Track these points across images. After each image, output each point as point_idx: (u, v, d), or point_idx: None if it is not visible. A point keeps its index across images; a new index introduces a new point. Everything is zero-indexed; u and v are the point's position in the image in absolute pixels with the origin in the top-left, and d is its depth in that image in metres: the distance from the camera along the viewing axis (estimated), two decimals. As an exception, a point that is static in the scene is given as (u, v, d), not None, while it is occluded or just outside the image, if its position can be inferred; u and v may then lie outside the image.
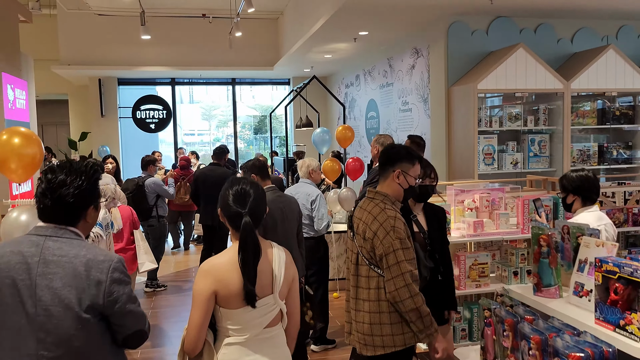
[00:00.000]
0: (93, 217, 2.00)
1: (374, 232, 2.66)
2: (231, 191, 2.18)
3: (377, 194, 2.80)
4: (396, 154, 2.82)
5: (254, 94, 15.61)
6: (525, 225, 4.07)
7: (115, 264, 1.87)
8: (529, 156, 6.69)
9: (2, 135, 2.87)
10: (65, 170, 1.92)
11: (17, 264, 1.83)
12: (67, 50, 10.94)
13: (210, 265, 2.11)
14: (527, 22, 7.01)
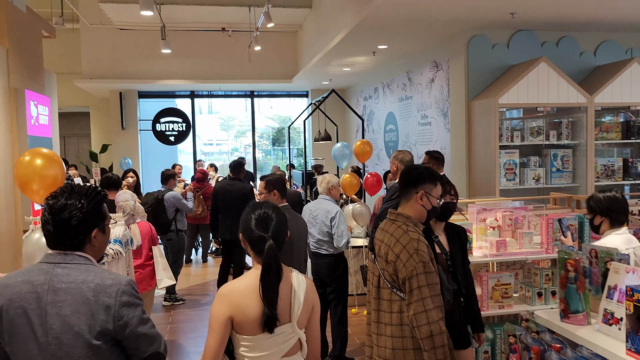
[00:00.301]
0: (100, 241, 1.98)
1: (397, 255, 2.60)
2: (253, 215, 2.15)
3: (399, 216, 2.75)
4: (419, 175, 2.78)
5: (272, 104, 15.68)
6: (549, 245, 3.98)
7: (123, 287, 1.86)
8: (551, 171, 6.58)
9: (25, 156, 2.89)
10: (65, 194, 1.93)
11: (27, 293, 1.83)
12: (89, 64, 11.10)
13: (228, 290, 2.09)
14: (549, 35, 6.92)
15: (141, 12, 6.39)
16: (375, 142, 10.71)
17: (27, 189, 2.84)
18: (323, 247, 4.79)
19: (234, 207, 6.38)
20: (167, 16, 9.55)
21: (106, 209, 2.03)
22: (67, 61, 11.98)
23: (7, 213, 4.42)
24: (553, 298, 3.89)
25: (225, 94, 13.49)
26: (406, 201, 2.78)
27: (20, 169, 2.86)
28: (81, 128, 14.72)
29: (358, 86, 12.02)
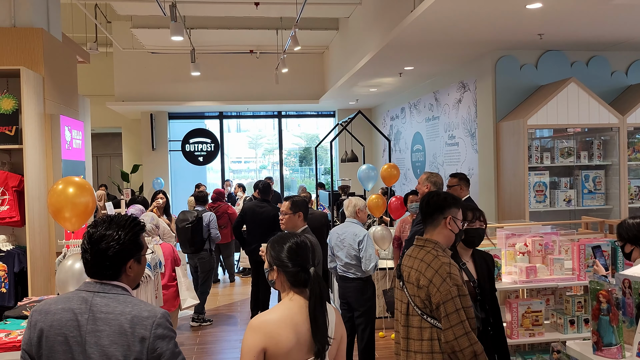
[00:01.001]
0: (135, 271, 2.01)
1: (429, 280, 2.59)
2: (285, 247, 2.16)
3: (427, 242, 2.74)
4: (444, 201, 2.79)
5: (299, 122, 15.83)
6: (581, 271, 3.89)
7: (158, 320, 1.88)
8: (582, 193, 6.45)
9: (58, 184, 2.97)
10: (105, 224, 1.97)
11: (68, 321, 1.88)
12: (121, 86, 11.39)
13: (260, 321, 2.09)
14: (578, 55, 6.84)
15: (172, 37, 6.55)
16: (402, 162, 10.67)
17: (60, 217, 2.92)
18: (350, 271, 4.77)
19: (263, 230, 6.43)
20: (197, 40, 9.77)
21: (143, 240, 2.06)
22: (100, 84, 12.32)
23: (41, 235, 4.53)
24: (586, 326, 3.79)
25: (253, 115, 13.67)
26: (433, 227, 2.77)
27: (53, 196, 2.94)
28: (113, 148, 15.07)
29: (384, 106, 12.03)
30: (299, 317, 2.06)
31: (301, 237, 2.19)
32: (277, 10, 8.38)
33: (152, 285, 4.10)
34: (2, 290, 4.41)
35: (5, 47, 4.63)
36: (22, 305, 3.31)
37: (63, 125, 4.90)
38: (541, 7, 4.90)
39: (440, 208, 2.77)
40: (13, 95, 4.41)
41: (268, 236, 6.61)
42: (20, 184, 4.42)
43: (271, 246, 2.20)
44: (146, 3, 7.44)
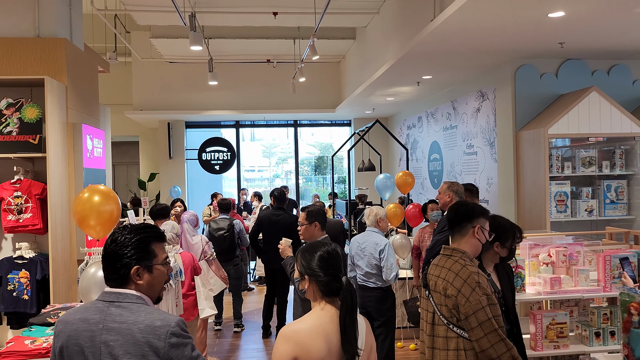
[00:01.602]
0: (147, 280, 1.95)
1: (458, 289, 2.58)
2: (317, 256, 2.15)
3: (454, 251, 2.74)
4: (472, 210, 2.80)
5: (314, 132, 15.84)
6: (607, 283, 3.82)
7: (172, 329, 1.85)
8: (604, 203, 6.36)
9: (84, 193, 2.99)
10: (123, 231, 1.97)
11: (83, 331, 1.87)
12: (139, 96, 11.51)
13: (291, 331, 2.07)
14: (599, 64, 6.77)
15: (191, 47, 6.59)
16: (419, 171, 10.62)
17: (85, 225, 2.94)
18: (371, 280, 4.74)
19: (278, 237, 6.41)
20: (214, 49, 9.85)
21: (156, 248, 1.99)
22: (119, 93, 12.45)
23: (63, 243, 4.57)
24: (612, 339, 3.72)
25: (270, 124, 13.71)
26: (461, 236, 2.77)
27: (78, 205, 2.96)
28: (131, 157, 15.19)
29: (401, 115, 12.01)
30: (330, 326, 2.05)
31: (332, 245, 2.18)
32: (295, 20, 8.42)
33: (172, 294, 4.10)
34: (25, 297, 4.45)
35: (30, 57, 4.70)
36: (46, 313, 3.33)
37: (85, 134, 4.95)
38: (564, 15, 4.86)
39: (468, 217, 2.77)
40: (37, 104, 4.47)
41: None
42: (43, 192, 4.46)
43: (302, 255, 2.19)
44: (165, 13, 7.52)
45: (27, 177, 4.50)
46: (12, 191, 4.40)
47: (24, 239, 4.59)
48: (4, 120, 4.40)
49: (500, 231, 3.06)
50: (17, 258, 4.45)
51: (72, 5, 5.26)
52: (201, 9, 7.57)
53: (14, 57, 4.68)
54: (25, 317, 4.40)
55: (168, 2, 6.32)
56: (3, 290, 4.44)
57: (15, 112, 4.42)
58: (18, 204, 4.39)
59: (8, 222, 4.39)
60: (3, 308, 4.44)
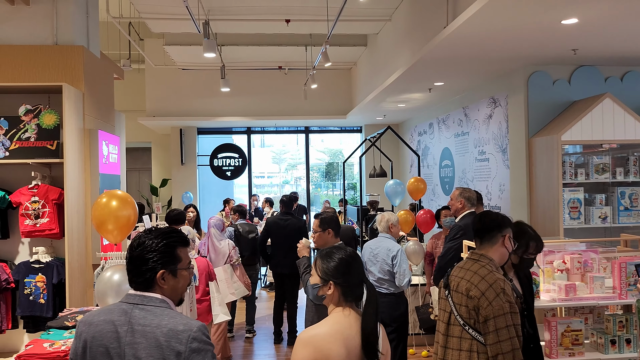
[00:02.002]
0: (171, 284, 1.98)
1: (482, 292, 2.62)
2: (339, 261, 2.17)
3: (482, 257, 2.80)
4: (502, 220, 2.88)
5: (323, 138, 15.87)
6: (622, 290, 3.80)
7: (194, 334, 1.88)
8: (619, 210, 6.31)
9: (102, 198, 3.04)
10: (148, 235, 2.00)
11: (108, 332, 1.90)
12: (152, 102, 11.61)
13: (310, 335, 2.08)
14: (612, 71, 6.75)
15: (204, 54, 6.66)
16: (430, 178, 10.61)
17: (103, 229, 2.98)
18: (383, 286, 4.74)
19: (287, 242, 6.47)
20: (227, 56, 9.93)
21: (181, 253, 2.03)
22: (132, 100, 12.57)
23: (79, 248, 4.62)
24: (628, 347, 3.71)
25: (281, 130, 13.77)
26: (490, 245, 2.83)
27: (97, 209, 3.00)
28: (143, 162, 15.30)
29: (412, 121, 12.02)
30: (349, 331, 2.06)
31: (350, 250, 2.20)
32: (308, 27, 8.47)
33: (187, 298, 4.13)
34: (41, 301, 4.50)
35: (48, 64, 4.77)
36: (64, 316, 3.37)
37: (101, 140, 5.01)
38: (577, 22, 4.87)
39: (498, 227, 2.84)
40: (55, 110, 4.53)
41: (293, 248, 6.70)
42: (60, 197, 4.52)
43: (322, 261, 2.20)
44: (179, 21, 7.60)
45: (45, 183, 4.57)
46: (29, 196, 4.46)
47: (41, 244, 4.65)
48: (23, 126, 4.47)
49: (514, 237, 3.08)
50: (34, 262, 4.51)
51: (89, 13, 5.34)
52: (215, 16, 7.64)
53: (33, 64, 4.75)
54: (41, 321, 4.45)
55: (182, 9, 6.40)
56: (20, 294, 4.50)
57: (34, 118, 4.49)
58: (35, 209, 4.46)
59: (25, 226, 4.45)
60: (20, 312, 4.49)
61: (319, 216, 4.15)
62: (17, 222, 4.60)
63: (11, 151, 4.43)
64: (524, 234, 3.17)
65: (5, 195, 4.52)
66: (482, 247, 2.84)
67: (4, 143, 4.43)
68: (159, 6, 7.20)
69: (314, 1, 7.15)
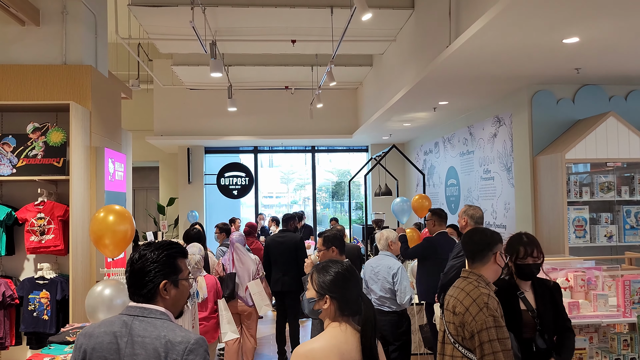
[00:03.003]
0: (173, 295, 2.02)
1: (466, 308, 2.64)
2: (335, 275, 2.16)
3: (471, 274, 2.80)
4: (491, 238, 2.87)
5: (331, 158, 15.92)
6: (626, 308, 3.77)
7: (191, 346, 1.89)
8: (624, 229, 6.28)
9: (99, 212, 3.07)
10: (148, 247, 2.03)
11: (108, 344, 1.93)
12: (160, 121, 11.74)
13: (306, 350, 2.08)
14: (616, 90, 6.77)
15: (211, 74, 6.75)
16: (435, 197, 10.60)
17: (100, 244, 3.01)
18: (385, 305, 4.72)
19: (285, 258, 6.50)
20: (234, 76, 10.05)
21: (181, 264, 2.07)
22: (140, 119, 12.72)
23: (83, 264, 4.65)
24: (633, 366, 3.65)
25: (287, 149, 13.84)
26: (482, 264, 2.83)
27: (94, 224, 3.04)
28: (150, 181, 15.40)
29: (418, 140, 12.05)
30: (345, 346, 2.05)
31: (346, 264, 2.21)
32: (314, 47, 8.57)
33: (188, 315, 4.14)
34: (45, 317, 4.52)
35: (56, 83, 4.87)
36: (66, 332, 3.39)
37: (107, 158, 5.07)
38: (578, 41, 4.90)
39: (488, 245, 2.84)
40: (62, 128, 4.61)
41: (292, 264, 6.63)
42: (65, 214, 4.57)
43: (318, 274, 2.19)
44: (187, 41, 7.72)
45: (50, 199, 4.62)
46: (35, 213, 4.51)
47: (46, 260, 4.69)
48: (30, 144, 4.54)
49: (507, 245, 3.11)
50: (39, 279, 4.54)
51: (98, 34, 5.46)
52: (222, 37, 7.76)
53: (41, 83, 4.85)
54: (44, 337, 4.46)
55: (190, 30, 6.52)
56: (24, 310, 4.52)
57: (41, 135, 4.57)
58: (41, 225, 4.50)
59: (31, 243, 4.49)
60: (23, 328, 4.51)
61: (323, 234, 4.17)
62: (22, 239, 4.64)
63: (18, 168, 4.50)
64: (516, 241, 3.12)
65: (11, 211, 4.58)
66: (473, 265, 2.85)
67: (11, 160, 4.50)
68: (166, 27, 7.34)
69: (320, 22, 7.25)
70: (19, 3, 4.60)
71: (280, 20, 7.30)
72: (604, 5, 4.08)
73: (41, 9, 4.98)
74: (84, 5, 5.10)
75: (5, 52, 4.96)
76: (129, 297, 2.05)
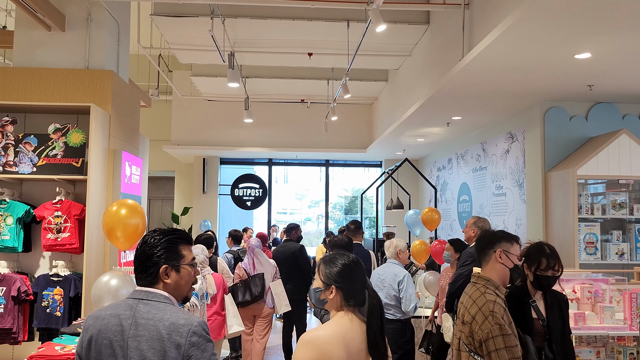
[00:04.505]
0: (174, 280, 2.08)
1: (472, 317, 2.63)
2: (342, 265, 2.22)
3: (479, 279, 2.79)
4: (493, 236, 2.87)
5: (346, 174, 15.97)
6: (633, 322, 3.76)
7: (194, 328, 1.96)
8: (636, 247, 6.24)
9: (113, 206, 3.18)
10: (150, 234, 2.12)
11: (113, 326, 2.00)
12: (177, 131, 11.94)
13: (312, 337, 2.13)
14: (630, 108, 6.78)
15: (228, 84, 6.91)
16: (448, 213, 10.60)
17: (112, 236, 3.11)
18: (390, 312, 4.75)
19: (287, 268, 6.58)
20: (251, 88, 10.22)
21: (183, 250, 2.13)
22: (158, 129, 12.94)
23: (97, 263, 4.75)
24: (639, 379, 3.64)
25: (302, 162, 13.95)
26: (486, 263, 2.83)
27: (107, 217, 3.14)
28: (166, 192, 15.60)
29: (432, 157, 12.09)
30: (351, 334, 2.10)
31: (353, 256, 2.27)
32: (330, 61, 8.70)
33: (198, 314, 4.21)
34: (57, 314, 4.62)
35: (79, 87, 5.03)
36: (77, 324, 3.48)
37: (124, 161, 5.21)
38: (590, 57, 4.95)
39: (490, 243, 2.83)
40: (82, 130, 4.75)
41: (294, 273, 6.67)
42: (81, 213, 4.69)
43: (325, 265, 2.25)
44: (206, 52, 7.90)
45: (68, 198, 4.75)
46: (53, 211, 4.64)
47: (61, 258, 4.81)
48: (51, 143, 4.69)
49: (527, 253, 3.09)
50: (53, 275, 4.65)
51: (120, 41, 5.63)
52: (240, 48, 7.93)
53: (64, 86, 5.02)
54: (56, 333, 4.56)
55: (209, 41, 6.68)
56: (37, 306, 4.63)
57: (62, 136, 4.72)
58: (57, 224, 4.63)
59: (47, 240, 4.62)
60: (36, 323, 4.61)
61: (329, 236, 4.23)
62: (39, 236, 4.77)
63: (38, 167, 4.65)
64: (539, 251, 3.10)
65: (30, 209, 4.71)
66: (482, 268, 2.85)
67: (32, 159, 4.65)
68: (187, 37, 7.52)
69: (336, 36, 7.38)
70: (46, 9, 4.78)
71: (297, 33, 7.45)
72: (615, 21, 4.14)
73: (67, 15, 5.17)
74: (108, 13, 5.29)
75: (31, 55, 5.15)
76: (135, 282, 2.13)
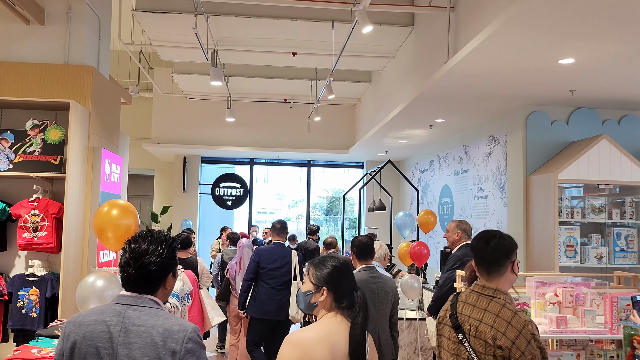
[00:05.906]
0: (171, 284, 2.11)
1: (512, 341, 2.36)
2: (333, 268, 2.22)
3: (497, 292, 2.52)
4: (510, 244, 2.60)
5: (327, 175, 15.95)
6: (614, 325, 3.79)
7: (189, 334, 1.93)
8: (614, 251, 6.33)
9: (104, 206, 3.10)
10: (147, 239, 2.05)
11: (100, 332, 1.92)
12: (158, 129, 11.79)
13: (298, 337, 2.11)
14: (610, 114, 6.87)
15: (211, 82, 6.82)
16: (429, 215, 10.64)
17: (103, 237, 3.03)
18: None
19: None
20: (233, 87, 10.14)
21: (177, 255, 2.19)
22: (138, 127, 12.76)
23: (74, 262, 4.65)
24: (619, 383, 3.67)
25: (283, 162, 13.89)
26: (500, 275, 2.55)
27: (98, 217, 3.06)
28: (145, 190, 15.39)
29: (414, 159, 12.13)
30: (336, 337, 2.09)
31: (342, 258, 2.26)
32: (314, 61, 8.67)
33: (179, 315, 4.14)
34: (33, 315, 4.50)
35: (58, 82, 4.91)
36: (54, 326, 3.39)
37: (104, 159, 5.10)
38: (573, 62, 5.00)
39: (507, 253, 2.57)
40: (61, 126, 4.64)
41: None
42: (59, 212, 4.58)
43: (315, 268, 2.25)
44: (189, 49, 7.80)
45: (45, 197, 4.63)
46: (29, 209, 4.52)
47: (37, 257, 4.69)
48: (28, 140, 4.57)
49: None
50: (29, 275, 4.54)
51: (101, 36, 5.52)
52: (223, 46, 7.85)
53: (43, 81, 4.89)
54: (31, 335, 4.44)
55: (192, 39, 6.60)
56: (12, 307, 4.51)
57: (40, 133, 4.60)
58: (34, 222, 4.51)
59: (23, 239, 4.49)
60: (11, 324, 4.49)
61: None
62: (15, 235, 4.64)
63: (15, 164, 4.52)
64: None
65: (5, 207, 4.59)
66: (490, 277, 2.57)
67: (8, 156, 4.53)
68: (169, 34, 7.42)
69: (321, 35, 7.35)
70: (25, 2, 4.66)
71: (281, 32, 7.40)
72: (598, 27, 4.18)
73: (46, 9, 5.05)
74: (89, 7, 5.17)
75: (8, 49, 5.01)
76: (123, 287, 2.06)
